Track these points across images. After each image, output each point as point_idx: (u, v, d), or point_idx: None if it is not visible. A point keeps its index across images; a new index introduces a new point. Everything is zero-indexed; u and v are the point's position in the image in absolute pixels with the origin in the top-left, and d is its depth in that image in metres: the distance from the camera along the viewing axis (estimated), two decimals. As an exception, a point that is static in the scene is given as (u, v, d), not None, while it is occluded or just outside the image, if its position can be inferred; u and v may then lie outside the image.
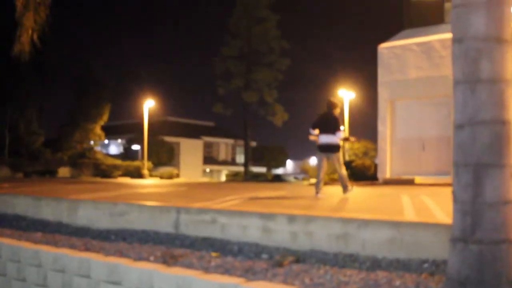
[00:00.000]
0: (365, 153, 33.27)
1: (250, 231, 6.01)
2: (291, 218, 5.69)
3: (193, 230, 6.60)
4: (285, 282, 4.35)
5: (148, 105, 42.19)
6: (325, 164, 11.23)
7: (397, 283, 4.07)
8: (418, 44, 20.94)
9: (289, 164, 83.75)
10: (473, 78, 3.49)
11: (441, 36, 20.15)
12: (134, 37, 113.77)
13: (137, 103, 44.20)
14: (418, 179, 19.83)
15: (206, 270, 4.94)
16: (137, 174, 39.66)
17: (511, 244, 3.44)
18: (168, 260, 5.45)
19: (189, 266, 5.16)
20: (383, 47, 21.97)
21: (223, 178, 60.42)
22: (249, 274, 4.72)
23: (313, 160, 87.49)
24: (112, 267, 5.38)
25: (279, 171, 65.31)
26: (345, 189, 11.25)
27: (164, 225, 6.93)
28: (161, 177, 40.18)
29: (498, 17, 3.48)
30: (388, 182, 20.66)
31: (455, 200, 3.59)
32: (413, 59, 21.00)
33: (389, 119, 21.80)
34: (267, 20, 39.30)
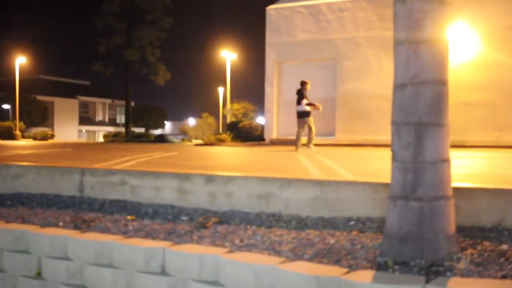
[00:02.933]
0: (245, 114, 33.68)
1: (164, 193, 5.80)
2: (209, 178, 5.55)
3: (100, 193, 6.26)
4: (213, 244, 4.23)
5: (19, 61, 39.59)
6: (299, 126, 15.29)
7: (331, 241, 4.10)
8: (305, 7, 21.24)
9: (168, 124, 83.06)
10: (416, 38, 3.50)
11: (328, 0, 20.55)
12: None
13: (7, 59, 41.32)
14: (304, 140, 20.31)
15: (125, 234, 4.69)
16: (8, 135, 37.37)
17: (448, 201, 3.55)
18: (80, 225, 5.13)
19: (105, 230, 4.88)
20: (271, 8, 22.06)
21: (100, 139, 58.64)
22: (173, 236, 4.55)
23: (191, 121, 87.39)
24: (17, 235, 4.96)
25: (158, 131, 64.58)
26: (308, 144, 15.24)
27: (66, 188, 6.51)
28: (35, 138, 38.23)
29: (441, -23, 3.49)
30: (274, 143, 21.04)
31: (395, 158, 3.62)
32: (301, 21, 21.30)
33: (276, 81, 22.08)
34: (150, -23, 38.07)
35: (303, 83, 15.71)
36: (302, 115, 15.29)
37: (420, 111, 3.50)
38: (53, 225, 5.19)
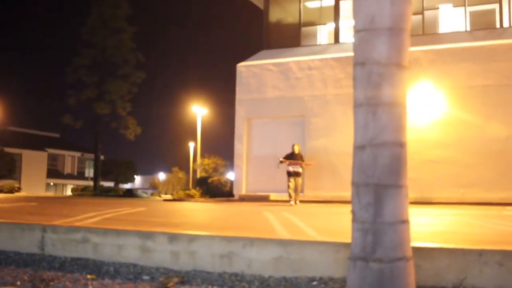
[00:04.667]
0: (215, 169, 33.66)
1: (127, 251, 5.70)
2: (173, 237, 5.48)
3: (62, 251, 6.12)
4: (174, 305, 4.15)
5: (-12, 113, 39.23)
6: (293, 183, 17.33)
7: (293, 302, 4.05)
8: (275, 65, 21.64)
9: (137, 178, 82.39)
10: (374, 101, 3.59)
11: (298, 58, 20.99)
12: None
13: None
14: (273, 196, 20.34)
15: (84, 294, 4.58)
16: (-27, 187, 36.62)
17: (408, 262, 3.57)
18: (38, 285, 4.99)
19: (64, 290, 4.76)
20: (242, 65, 22.41)
21: (68, 192, 57.78)
22: (133, 297, 4.45)
23: (161, 175, 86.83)
24: (-28, 294, 4.80)
25: (127, 185, 63.99)
26: (296, 199, 17.42)
27: (27, 245, 6.35)
28: (1, 191, 37.52)
29: (398, 44, 3.62)
30: (244, 199, 20.99)
31: (355, 219, 3.65)
32: (271, 79, 21.66)
33: (246, 137, 22.22)
34: (123, 32, 38.39)
35: (294, 146, 17.91)
36: (299, 174, 17.63)
37: (379, 172, 3.56)
38: (10, 284, 5.04)
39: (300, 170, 17.58)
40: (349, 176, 3.78)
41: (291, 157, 17.83)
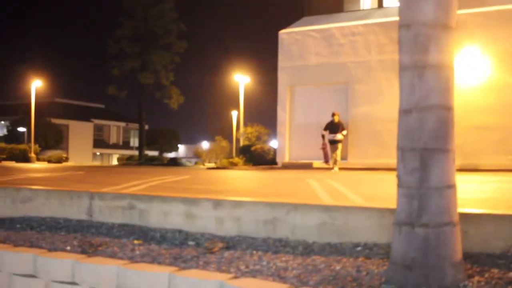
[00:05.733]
0: (258, 138, 33.75)
1: (172, 217, 5.80)
2: (217, 203, 5.54)
3: (109, 217, 6.27)
4: (219, 269, 4.20)
5: (35, 85, 40.11)
6: (333, 151, 18.47)
7: (337, 267, 4.06)
8: (318, 31, 21.37)
9: (181, 147, 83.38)
10: (421, 64, 3.50)
11: (341, 24, 20.66)
12: (21, 15, 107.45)
13: (23, 83, 41.93)
14: (316, 163, 20.29)
15: (132, 259, 4.67)
16: (23, 157, 37.67)
17: (454, 227, 3.51)
18: (87, 250, 5.13)
19: (112, 255, 4.86)
20: (284, 32, 22.22)
21: (114, 161, 58.97)
22: (179, 262, 4.52)
23: (205, 144, 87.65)
24: (25, 259, 4.96)
25: (171, 154, 64.86)
26: (334, 166, 18.43)
27: (75, 211, 6.53)
28: (49, 161, 38.55)
29: (445, 4, 3.51)
30: (287, 166, 21.03)
31: (400, 184, 3.61)
32: (313, 45, 21.42)
33: (289, 104, 22.15)
34: (164, 1, 38.48)
35: (335, 115, 18.71)
36: (338, 142, 18.66)
37: (426, 136, 3.49)
38: (61, 249, 5.19)
39: (339, 137, 18.46)
40: (393, 143, 3.73)
41: (331, 126, 18.52)
